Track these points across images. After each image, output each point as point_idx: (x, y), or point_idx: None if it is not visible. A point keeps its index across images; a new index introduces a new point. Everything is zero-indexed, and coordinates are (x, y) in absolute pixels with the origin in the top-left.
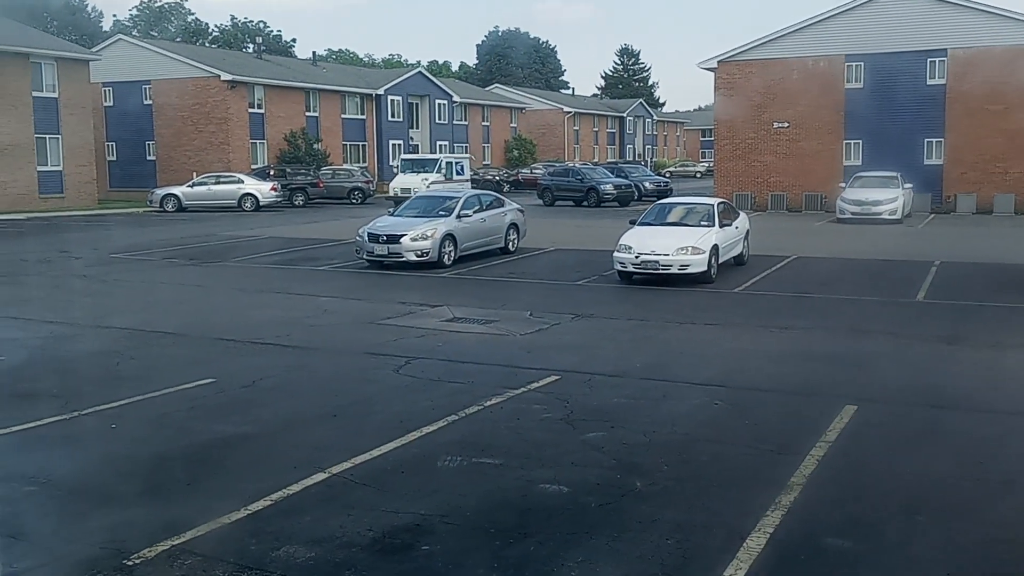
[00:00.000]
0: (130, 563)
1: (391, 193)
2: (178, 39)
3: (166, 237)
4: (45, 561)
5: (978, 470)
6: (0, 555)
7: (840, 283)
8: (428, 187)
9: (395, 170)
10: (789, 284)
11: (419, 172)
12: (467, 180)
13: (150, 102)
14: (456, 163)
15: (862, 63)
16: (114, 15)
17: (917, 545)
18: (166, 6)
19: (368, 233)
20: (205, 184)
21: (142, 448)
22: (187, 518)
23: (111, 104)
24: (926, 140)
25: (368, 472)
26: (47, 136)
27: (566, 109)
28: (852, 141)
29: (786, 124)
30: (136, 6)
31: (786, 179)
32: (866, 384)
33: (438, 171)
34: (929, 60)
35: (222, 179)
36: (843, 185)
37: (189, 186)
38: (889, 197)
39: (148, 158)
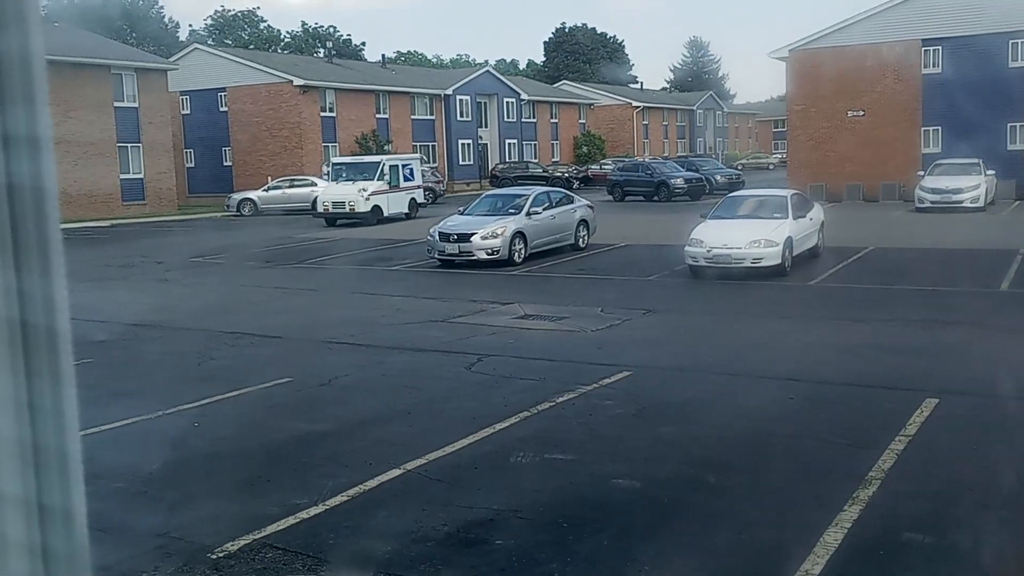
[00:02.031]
0: (214, 556)
1: (319, 208)
2: (251, 46)
3: (243, 241)
4: (133, 554)
5: None
6: (91, 548)
7: (919, 274)
8: (367, 199)
9: (325, 176)
10: (866, 276)
11: (355, 179)
12: (417, 187)
13: (226, 109)
14: (403, 166)
15: (939, 47)
16: (190, 25)
17: (1001, 541)
18: (239, 15)
19: (439, 232)
20: (280, 188)
21: (224, 445)
22: (267, 513)
23: (188, 112)
24: (1009, 125)
25: (442, 468)
26: (128, 145)
27: (635, 104)
28: (930, 128)
29: (861, 112)
30: (210, 16)
31: (862, 169)
32: (948, 376)
33: (380, 177)
34: (1010, 42)
35: (296, 182)
36: (922, 173)
37: (264, 190)
38: (970, 184)
39: (225, 164)
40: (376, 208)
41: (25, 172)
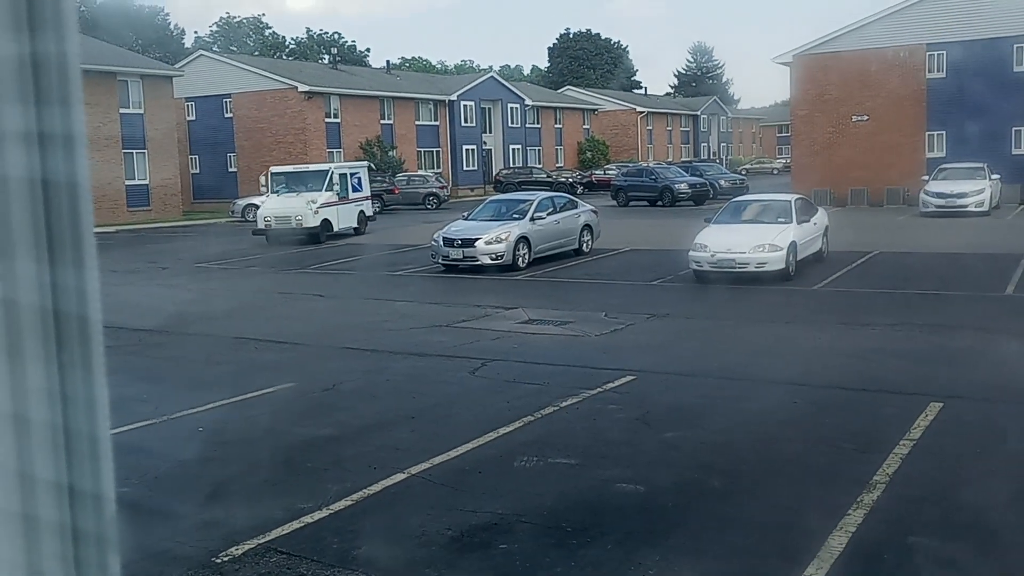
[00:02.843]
0: (219, 561)
1: (260, 225)
2: (256, 53)
3: (248, 246)
4: (139, 559)
5: None
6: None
7: (925, 278)
8: (315, 212)
9: (263, 189)
10: (871, 280)
11: (300, 191)
12: (366, 198)
13: (231, 115)
14: (352, 174)
15: (944, 52)
16: (195, 32)
17: (1006, 545)
18: (244, 21)
19: (443, 237)
20: None
21: (228, 450)
22: (272, 517)
23: (194, 118)
24: (1014, 129)
25: (446, 472)
26: (134, 151)
27: (639, 109)
28: (935, 132)
29: (865, 117)
30: (216, 22)
31: (866, 173)
32: (953, 381)
33: (329, 188)
34: (1015, 46)
35: None
36: (926, 178)
37: None
38: (975, 189)
39: (230, 170)
40: (326, 222)
41: (60, 169)
